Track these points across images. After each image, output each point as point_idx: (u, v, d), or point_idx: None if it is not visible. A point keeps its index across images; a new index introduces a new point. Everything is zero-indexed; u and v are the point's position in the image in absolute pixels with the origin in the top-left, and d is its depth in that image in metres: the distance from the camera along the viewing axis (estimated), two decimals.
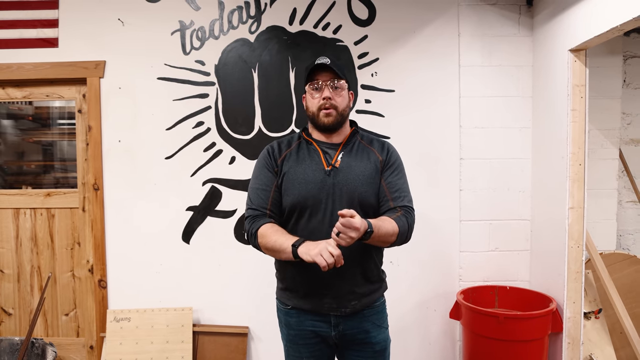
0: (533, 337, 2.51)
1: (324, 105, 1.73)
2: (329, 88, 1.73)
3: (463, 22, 2.92)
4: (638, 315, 2.94)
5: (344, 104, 1.77)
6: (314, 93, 1.76)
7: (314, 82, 1.75)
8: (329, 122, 1.75)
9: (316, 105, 1.75)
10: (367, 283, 1.76)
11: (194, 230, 2.99)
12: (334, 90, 1.74)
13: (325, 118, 1.74)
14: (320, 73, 1.76)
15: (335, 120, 1.75)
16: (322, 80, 1.74)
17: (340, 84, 1.75)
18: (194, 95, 2.95)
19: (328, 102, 1.73)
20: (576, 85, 2.52)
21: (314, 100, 1.76)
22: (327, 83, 1.73)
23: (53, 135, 3.26)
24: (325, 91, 1.73)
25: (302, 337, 1.80)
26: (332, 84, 1.73)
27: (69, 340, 3.13)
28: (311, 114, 1.78)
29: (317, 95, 1.75)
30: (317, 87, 1.75)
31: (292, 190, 1.73)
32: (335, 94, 1.74)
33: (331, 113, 1.74)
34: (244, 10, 2.94)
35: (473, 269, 2.98)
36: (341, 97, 1.76)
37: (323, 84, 1.73)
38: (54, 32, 2.95)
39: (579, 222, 2.56)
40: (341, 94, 1.76)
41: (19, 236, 3.11)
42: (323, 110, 1.74)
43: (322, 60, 1.75)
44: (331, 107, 1.73)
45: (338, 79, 1.75)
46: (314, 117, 1.78)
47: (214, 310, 3.00)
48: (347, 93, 1.80)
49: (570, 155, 2.54)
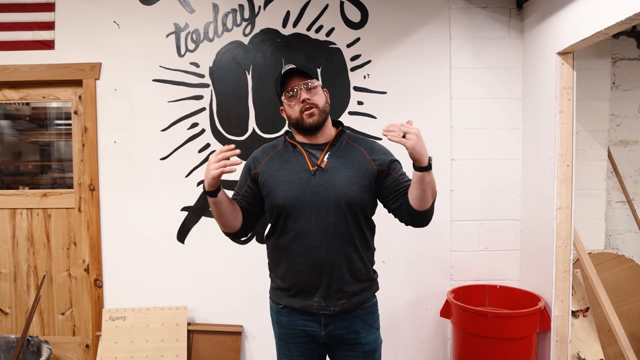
0: (521, 335, 2.55)
1: (304, 107, 1.74)
2: (304, 91, 1.74)
3: (454, 25, 2.97)
4: (625, 313, 2.98)
5: (322, 101, 1.78)
6: (291, 102, 1.77)
7: (288, 90, 1.76)
8: (314, 122, 1.75)
9: (297, 110, 1.76)
10: (355, 282, 1.77)
11: (189, 230, 3.03)
12: (308, 91, 1.75)
13: (309, 119, 1.75)
14: (290, 80, 1.76)
15: (319, 118, 1.76)
16: (294, 86, 1.75)
17: (313, 84, 1.75)
18: (188, 97, 2.99)
19: (307, 103, 1.73)
20: (564, 87, 2.56)
21: (294, 107, 1.76)
22: (301, 86, 1.74)
23: (50, 135, 3.29)
24: (302, 94, 1.74)
25: (293, 336, 1.84)
26: (305, 86, 1.74)
27: (65, 339, 3.17)
28: (294, 120, 1.79)
29: (294, 102, 1.76)
30: (293, 94, 1.75)
31: (277, 192, 1.75)
32: (311, 94, 1.75)
33: (314, 112, 1.74)
34: (238, 13, 2.97)
35: (464, 268, 3.03)
36: (318, 96, 1.77)
37: (297, 89, 1.74)
38: (50, 34, 2.98)
39: (566, 222, 2.61)
40: (317, 92, 1.77)
41: (16, 236, 3.14)
42: (305, 112, 1.74)
43: (288, 67, 1.75)
44: (312, 106, 1.74)
45: (310, 79, 1.76)
46: (298, 123, 1.78)
47: (208, 309, 3.04)
48: (322, 91, 1.81)
49: (558, 156, 2.59)
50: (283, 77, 1.77)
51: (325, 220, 1.71)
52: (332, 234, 1.71)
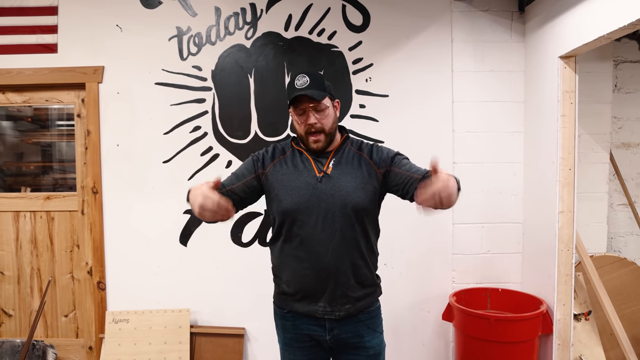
0: (524, 338, 2.56)
1: (309, 130, 1.74)
2: (313, 113, 1.73)
3: (456, 28, 2.97)
4: (627, 316, 2.99)
5: (329, 123, 1.76)
6: (298, 118, 1.76)
7: (297, 108, 1.74)
8: (318, 148, 1.77)
9: (303, 130, 1.76)
10: (360, 287, 1.79)
11: (192, 233, 3.04)
12: (318, 113, 1.73)
13: (314, 144, 1.76)
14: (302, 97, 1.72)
15: (324, 144, 1.77)
16: (304, 107, 1.73)
17: (323, 106, 1.73)
18: (191, 100, 3.00)
19: (314, 127, 1.73)
20: (566, 91, 2.57)
21: (300, 125, 1.76)
22: (310, 108, 1.71)
23: (52, 136, 3.30)
24: (310, 118, 1.73)
25: (298, 341, 1.85)
26: (315, 107, 1.72)
27: (69, 341, 3.18)
28: (299, 135, 1.80)
29: (302, 121, 1.75)
30: (301, 113, 1.75)
31: (284, 197, 1.76)
32: (320, 116, 1.73)
33: (319, 139, 1.75)
34: (240, 17, 2.98)
35: (466, 271, 3.03)
36: (326, 118, 1.75)
37: (307, 110, 1.73)
38: (53, 38, 2.99)
39: (569, 225, 2.61)
40: (326, 114, 1.75)
41: (19, 239, 3.16)
42: (311, 136, 1.75)
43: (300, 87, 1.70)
44: (317, 132, 1.74)
45: (319, 103, 1.72)
46: (302, 139, 1.80)
47: (211, 312, 3.05)
48: (332, 109, 1.77)
49: (560, 160, 2.59)
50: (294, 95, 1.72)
51: (332, 226, 1.72)
52: (338, 239, 1.72)
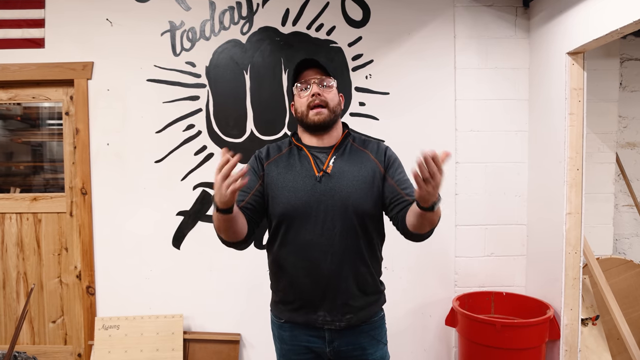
0: (530, 345, 2.47)
1: (313, 102, 1.63)
2: (317, 85, 1.64)
3: (459, 23, 2.88)
4: (634, 320, 2.91)
5: (335, 101, 1.67)
6: (302, 93, 1.67)
7: (301, 81, 1.67)
8: (319, 121, 1.64)
9: (305, 103, 1.65)
10: (363, 295, 1.67)
11: (185, 236, 2.93)
12: (323, 87, 1.65)
13: (315, 116, 1.64)
14: (307, 72, 1.67)
15: (327, 118, 1.65)
16: (310, 79, 1.65)
17: (329, 82, 1.67)
18: (184, 98, 2.89)
19: (317, 98, 1.63)
20: (574, 88, 2.48)
21: (302, 99, 1.66)
22: (316, 80, 1.65)
23: (43, 135, 3.18)
24: (314, 88, 1.64)
25: (296, 353, 1.73)
26: (320, 81, 1.65)
27: (56, 348, 3.06)
28: (300, 113, 1.68)
29: (305, 94, 1.66)
30: (305, 87, 1.66)
31: (280, 199, 1.64)
32: (324, 91, 1.65)
33: (322, 112, 1.64)
34: (235, 11, 2.87)
35: (469, 274, 2.94)
36: (331, 94, 1.67)
37: (311, 81, 1.65)
38: (40, 32, 2.87)
39: (576, 227, 2.52)
40: (331, 91, 1.67)
41: (5, 242, 3.03)
42: (313, 109, 1.64)
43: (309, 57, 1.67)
44: (321, 104, 1.64)
45: (327, 77, 1.66)
46: (302, 117, 1.67)
47: (205, 317, 2.94)
48: (337, 94, 1.71)
49: (567, 159, 2.50)
50: (300, 69, 1.67)
51: (331, 230, 1.60)
52: (338, 244, 1.60)
